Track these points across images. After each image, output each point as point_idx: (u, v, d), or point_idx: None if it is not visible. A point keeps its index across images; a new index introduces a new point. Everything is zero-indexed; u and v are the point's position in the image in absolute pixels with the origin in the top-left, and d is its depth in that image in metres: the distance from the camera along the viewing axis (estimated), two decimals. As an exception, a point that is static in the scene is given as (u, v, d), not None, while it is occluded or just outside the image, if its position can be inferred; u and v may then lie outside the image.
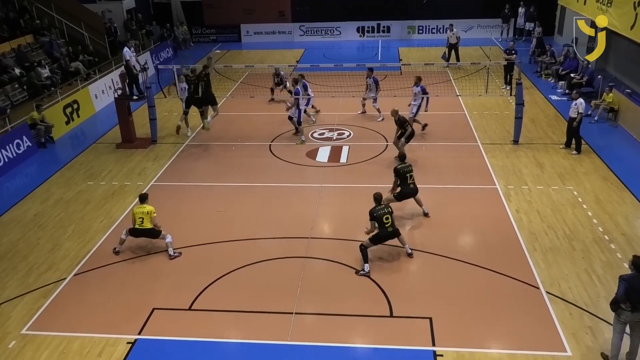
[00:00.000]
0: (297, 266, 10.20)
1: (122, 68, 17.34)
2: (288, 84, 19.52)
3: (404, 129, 14.11)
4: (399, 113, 14.22)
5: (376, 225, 9.97)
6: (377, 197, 10.22)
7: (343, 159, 14.87)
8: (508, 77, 20.22)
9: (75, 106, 18.77)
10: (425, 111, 16.15)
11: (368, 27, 31.25)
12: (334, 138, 16.43)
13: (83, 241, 11.41)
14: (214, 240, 11.19)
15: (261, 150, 15.71)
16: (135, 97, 16.45)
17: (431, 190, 12.90)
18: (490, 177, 13.54)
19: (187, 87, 16.14)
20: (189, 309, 9.15)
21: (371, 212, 10.01)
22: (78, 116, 18.86)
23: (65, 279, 10.16)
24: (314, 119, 17.71)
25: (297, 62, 25.92)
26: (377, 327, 8.65)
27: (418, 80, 15.91)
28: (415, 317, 8.79)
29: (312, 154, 15.32)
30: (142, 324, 8.83)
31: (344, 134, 16.73)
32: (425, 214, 11.78)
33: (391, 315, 8.87)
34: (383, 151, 15.32)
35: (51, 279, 10.18)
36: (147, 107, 16.58)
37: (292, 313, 8.95)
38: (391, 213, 10.08)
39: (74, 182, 14.31)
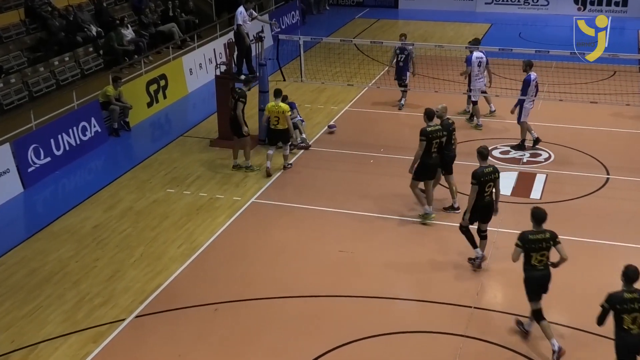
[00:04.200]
0: (449, 347, 10.02)
1: (232, 35, 18.19)
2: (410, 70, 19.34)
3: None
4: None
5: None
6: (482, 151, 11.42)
7: (536, 194, 14.51)
8: None
9: (162, 82, 20.09)
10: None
11: (592, -2, 30.33)
12: (525, 160, 16.00)
13: (153, 271, 12.03)
14: (331, 293, 11.28)
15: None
16: (243, 77, 17.13)
17: (613, 249, 11.99)
18: None
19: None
20: (287, 388, 9.29)
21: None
22: (164, 97, 20.15)
23: (124, 320, 10.74)
24: (493, 108, 18.59)
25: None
26: None
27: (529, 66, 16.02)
28: None
29: (488, 180, 15.01)
30: (220, 399, 9.10)
31: (539, 155, 16.30)
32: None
33: None
34: (602, 186, 14.77)
35: (106, 318, 10.81)
36: (257, 92, 17.22)
37: (436, 418, 8.76)
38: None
39: (150, 187, 15.21)
